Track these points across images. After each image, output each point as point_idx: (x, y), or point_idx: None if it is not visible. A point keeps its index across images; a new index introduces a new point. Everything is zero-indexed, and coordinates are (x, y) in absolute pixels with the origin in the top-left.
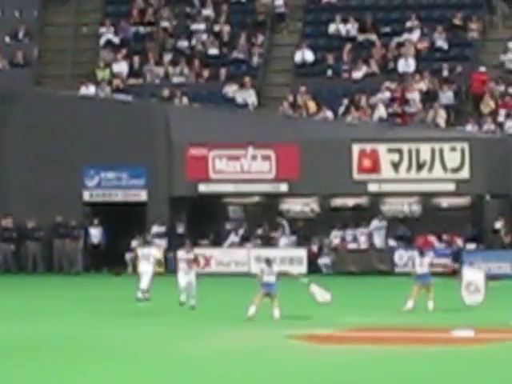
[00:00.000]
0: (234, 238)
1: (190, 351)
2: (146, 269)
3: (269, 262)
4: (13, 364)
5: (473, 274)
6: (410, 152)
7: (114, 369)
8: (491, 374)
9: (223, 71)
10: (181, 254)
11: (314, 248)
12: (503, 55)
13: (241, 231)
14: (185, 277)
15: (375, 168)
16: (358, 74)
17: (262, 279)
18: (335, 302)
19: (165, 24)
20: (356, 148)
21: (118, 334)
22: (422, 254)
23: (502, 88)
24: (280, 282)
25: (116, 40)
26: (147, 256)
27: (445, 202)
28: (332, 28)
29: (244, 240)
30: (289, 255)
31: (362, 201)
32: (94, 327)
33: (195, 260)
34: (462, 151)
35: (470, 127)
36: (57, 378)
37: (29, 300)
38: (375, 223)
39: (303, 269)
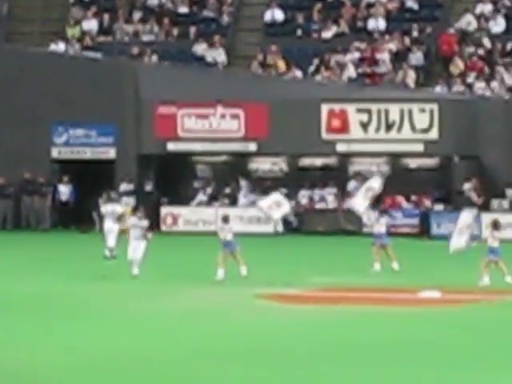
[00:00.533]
0: (201, 197)
1: (155, 309)
2: (111, 227)
3: (226, 219)
4: None
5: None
6: (378, 112)
7: (80, 326)
8: (457, 336)
9: (193, 30)
10: (133, 220)
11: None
12: (470, 16)
13: (209, 190)
14: (136, 245)
15: (344, 128)
16: (327, 34)
17: (220, 237)
18: (303, 262)
19: None
20: (325, 108)
21: (84, 291)
22: (381, 213)
23: (471, 49)
24: (246, 241)
25: None
26: (111, 214)
27: (413, 163)
28: None
29: (212, 199)
30: (257, 215)
31: (331, 161)
32: (60, 285)
33: (149, 228)
34: (431, 112)
35: (439, 88)
36: (23, 335)
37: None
38: (353, 183)
39: (270, 228)
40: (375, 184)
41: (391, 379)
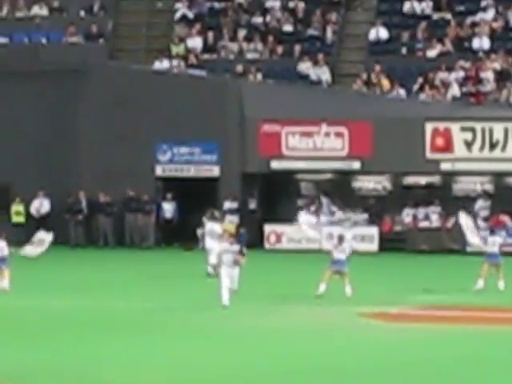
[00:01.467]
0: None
1: (261, 327)
2: (211, 245)
3: (341, 238)
4: (78, 337)
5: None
6: (483, 131)
7: (181, 342)
8: None
9: (297, 48)
10: (225, 245)
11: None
12: None
13: (313, 208)
14: (229, 272)
15: (448, 147)
16: (432, 53)
17: (332, 256)
18: (406, 280)
19: (239, 0)
20: (429, 126)
21: (185, 309)
22: (492, 232)
23: None
24: (350, 258)
25: (190, 15)
26: (210, 232)
27: None
28: (407, 6)
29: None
30: (360, 233)
31: (435, 179)
32: (162, 302)
33: (241, 253)
34: None
35: None
36: (124, 350)
37: (99, 274)
38: (480, 203)
39: (374, 247)
40: (464, 220)
41: None
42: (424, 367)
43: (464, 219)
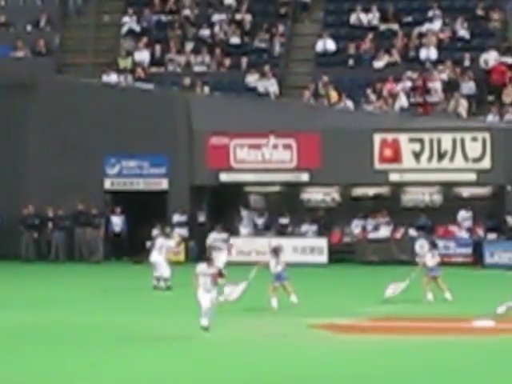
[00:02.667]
0: (252, 227)
1: (210, 339)
2: (157, 259)
3: (276, 251)
4: (32, 353)
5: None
6: (431, 142)
7: (135, 354)
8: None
9: (244, 60)
10: (201, 268)
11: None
12: None
13: (261, 220)
14: (207, 295)
15: (396, 158)
16: (379, 64)
17: (271, 271)
18: (356, 291)
19: (186, 12)
20: (377, 137)
21: (135, 323)
22: (434, 245)
23: None
24: (298, 271)
25: (137, 28)
26: (160, 247)
27: (466, 192)
28: (353, 17)
29: (266, 229)
30: (309, 245)
31: (383, 190)
32: (112, 315)
33: (220, 274)
34: (484, 141)
35: (491, 117)
36: (75, 365)
37: (49, 288)
38: (462, 213)
39: (324, 258)
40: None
41: None
42: (372, 379)
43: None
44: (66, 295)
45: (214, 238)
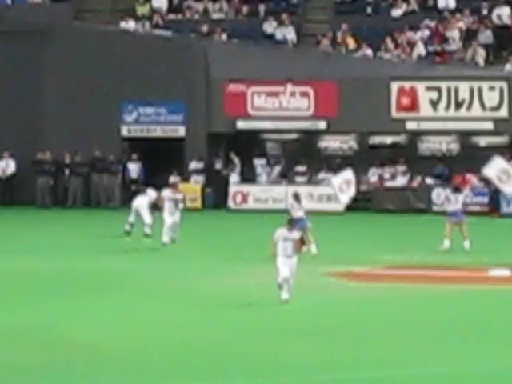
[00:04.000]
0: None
1: (225, 286)
2: (141, 203)
3: (297, 197)
4: (53, 298)
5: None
6: (448, 90)
7: (142, 303)
8: None
9: (262, 7)
10: (166, 193)
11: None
12: None
13: (278, 168)
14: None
15: (414, 106)
16: (397, 12)
17: (291, 215)
18: (373, 240)
19: None
20: (395, 86)
21: (146, 269)
22: (456, 191)
23: None
24: (315, 219)
25: None
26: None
27: (483, 141)
28: None
29: (282, 177)
30: (326, 193)
31: (400, 139)
32: (125, 262)
33: (302, 241)
34: (501, 90)
35: (509, 67)
36: (93, 310)
37: (65, 234)
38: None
39: (340, 207)
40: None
41: (457, 356)
42: (390, 326)
43: (493, 170)
44: (79, 241)
45: (166, 195)
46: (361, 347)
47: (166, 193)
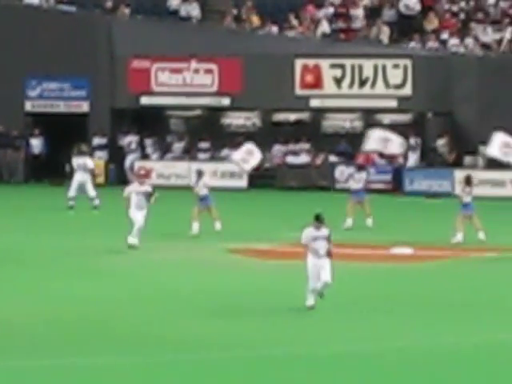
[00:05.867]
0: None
1: (129, 262)
2: (82, 178)
3: (200, 173)
4: None
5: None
6: (352, 68)
7: (49, 278)
8: (428, 291)
9: None
10: (133, 187)
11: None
12: None
13: (182, 144)
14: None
15: (317, 83)
16: None
17: (197, 193)
18: (276, 217)
19: None
20: (299, 63)
21: (51, 244)
22: (359, 169)
23: (446, 6)
24: (219, 195)
25: None
26: (83, 166)
27: (387, 119)
28: None
29: (185, 153)
30: (229, 169)
31: (304, 116)
32: (28, 236)
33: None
34: (405, 68)
35: (413, 44)
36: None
37: None
38: (412, 142)
39: (243, 183)
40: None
41: (358, 330)
42: (292, 302)
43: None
44: None
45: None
46: (264, 325)
47: (133, 187)
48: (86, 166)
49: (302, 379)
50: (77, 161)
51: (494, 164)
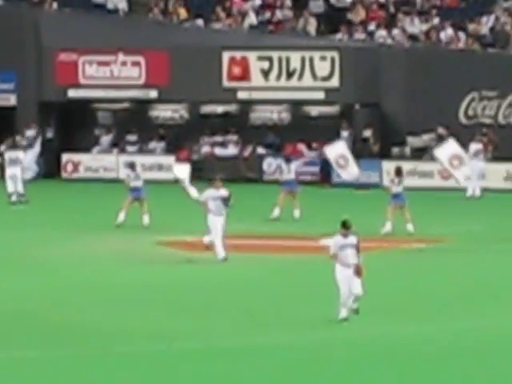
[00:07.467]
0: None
1: (54, 255)
2: (15, 173)
3: (132, 166)
4: None
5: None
6: (280, 60)
7: None
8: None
9: None
10: (210, 192)
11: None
12: None
13: (110, 137)
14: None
15: (245, 76)
16: None
17: (129, 184)
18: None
19: None
20: (226, 55)
21: None
22: (288, 161)
23: None
24: (149, 188)
25: None
26: (11, 160)
27: (314, 111)
28: None
29: (113, 146)
30: (158, 162)
31: (232, 108)
32: None
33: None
34: (332, 60)
35: (340, 36)
36: None
37: None
38: (345, 134)
39: (172, 176)
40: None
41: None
42: (219, 295)
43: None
44: None
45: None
46: (195, 317)
47: (210, 193)
48: (18, 160)
49: (221, 372)
50: (9, 155)
51: (421, 155)
